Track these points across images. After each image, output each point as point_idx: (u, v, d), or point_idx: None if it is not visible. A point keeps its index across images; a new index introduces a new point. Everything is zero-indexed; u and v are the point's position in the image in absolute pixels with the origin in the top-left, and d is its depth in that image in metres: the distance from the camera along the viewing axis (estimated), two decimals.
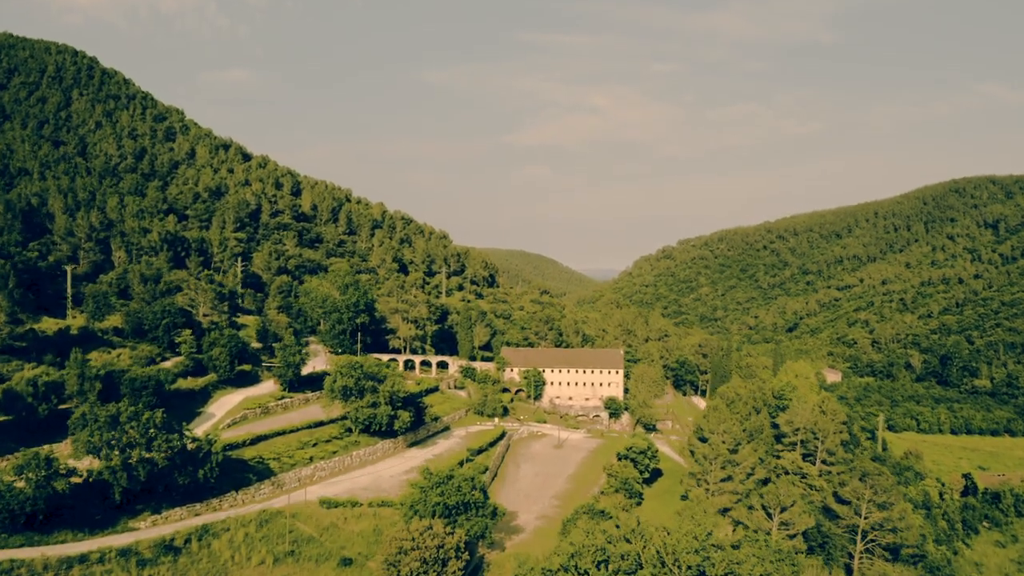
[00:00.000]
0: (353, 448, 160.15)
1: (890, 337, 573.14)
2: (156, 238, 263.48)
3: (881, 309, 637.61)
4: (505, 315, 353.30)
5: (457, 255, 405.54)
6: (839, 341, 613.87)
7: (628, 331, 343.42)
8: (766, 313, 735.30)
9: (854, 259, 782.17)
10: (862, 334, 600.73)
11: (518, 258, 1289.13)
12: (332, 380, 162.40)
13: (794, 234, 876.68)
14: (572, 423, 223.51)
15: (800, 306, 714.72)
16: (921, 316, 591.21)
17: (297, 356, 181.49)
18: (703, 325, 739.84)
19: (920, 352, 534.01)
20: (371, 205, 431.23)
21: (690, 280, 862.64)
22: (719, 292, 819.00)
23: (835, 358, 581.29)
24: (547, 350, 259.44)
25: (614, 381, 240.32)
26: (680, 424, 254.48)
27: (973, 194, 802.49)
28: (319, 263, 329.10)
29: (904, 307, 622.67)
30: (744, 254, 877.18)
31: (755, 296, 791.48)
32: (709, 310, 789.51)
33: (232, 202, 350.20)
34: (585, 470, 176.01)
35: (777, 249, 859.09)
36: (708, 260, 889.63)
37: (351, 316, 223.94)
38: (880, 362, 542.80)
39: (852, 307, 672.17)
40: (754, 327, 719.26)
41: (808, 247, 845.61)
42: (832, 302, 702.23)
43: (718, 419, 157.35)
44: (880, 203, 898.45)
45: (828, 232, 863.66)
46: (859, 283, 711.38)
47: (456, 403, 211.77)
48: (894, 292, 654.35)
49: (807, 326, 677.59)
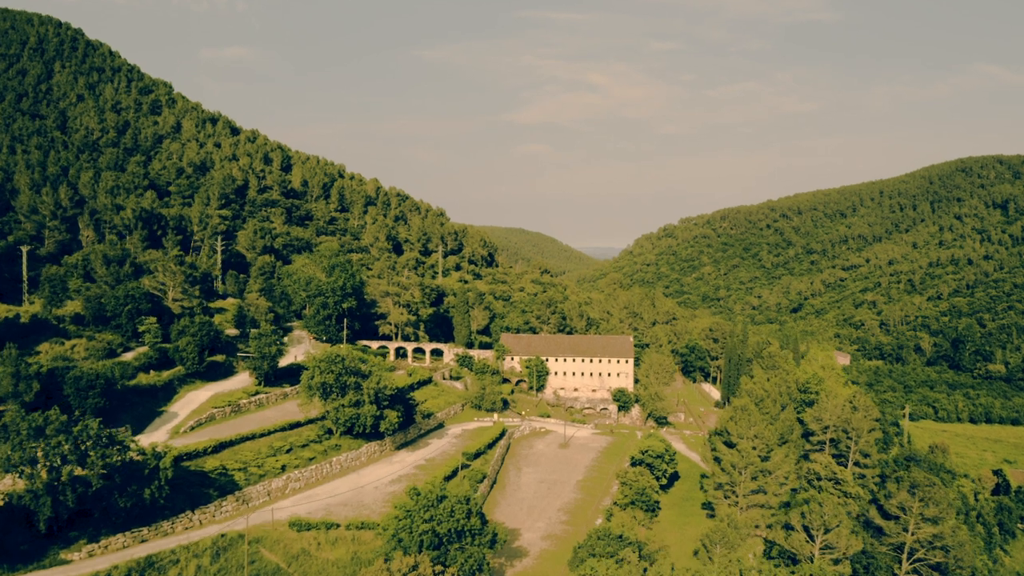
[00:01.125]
0: (333, 453, 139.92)
1: (899, 319, 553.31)
2: (130, 215, 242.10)
3: (888, 290, 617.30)
4: (504, 297, 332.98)
5: (454, 233, 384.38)
6: (846, 323, 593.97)
7: (634, 314, 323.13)
8: (770, 293, 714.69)
9: (859, 239, 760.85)
10: (869, 316, 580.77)
11: (517, 236, 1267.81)
12: (309, 376, 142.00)
13: (798, 213, 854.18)
14: (578, 417, 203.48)
15: (805, 286, 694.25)
16: (930, 298, 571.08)
17: (273, 347, 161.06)
18: (706, 305, 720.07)
19: (930, 335, 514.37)
20: (365, 181, 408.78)
21: (692, 259, 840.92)
22: (722, 271, 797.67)
23: (842, 340, 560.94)
24: (550, 337, 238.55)
25: (623, 371, 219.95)
26: (693, 416, 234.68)
27: (980, 173, 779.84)
28: (308, 241, 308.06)
29: (912, 288, 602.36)
30: (747, 233, 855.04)
31: (758, 275, 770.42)
32: (712, 289, 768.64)
33: (217, 177, 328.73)
34: (595, 475, 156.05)
35: (780, 228, 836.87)
36: (710, 239, 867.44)
37: (337, 300, 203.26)
38: (889, 345, 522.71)
39: (858, 288, 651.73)
40: (758, 307, 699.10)
41: (812, 226, 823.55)
42: (838, 282, 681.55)
43: (748, 422, 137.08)
44: (884, 182, 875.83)
45: (832, 211, 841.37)
46: (865, 263, 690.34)
47: (451, 396, 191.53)
48: (901, 273, 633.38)
49: (812, 307, 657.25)
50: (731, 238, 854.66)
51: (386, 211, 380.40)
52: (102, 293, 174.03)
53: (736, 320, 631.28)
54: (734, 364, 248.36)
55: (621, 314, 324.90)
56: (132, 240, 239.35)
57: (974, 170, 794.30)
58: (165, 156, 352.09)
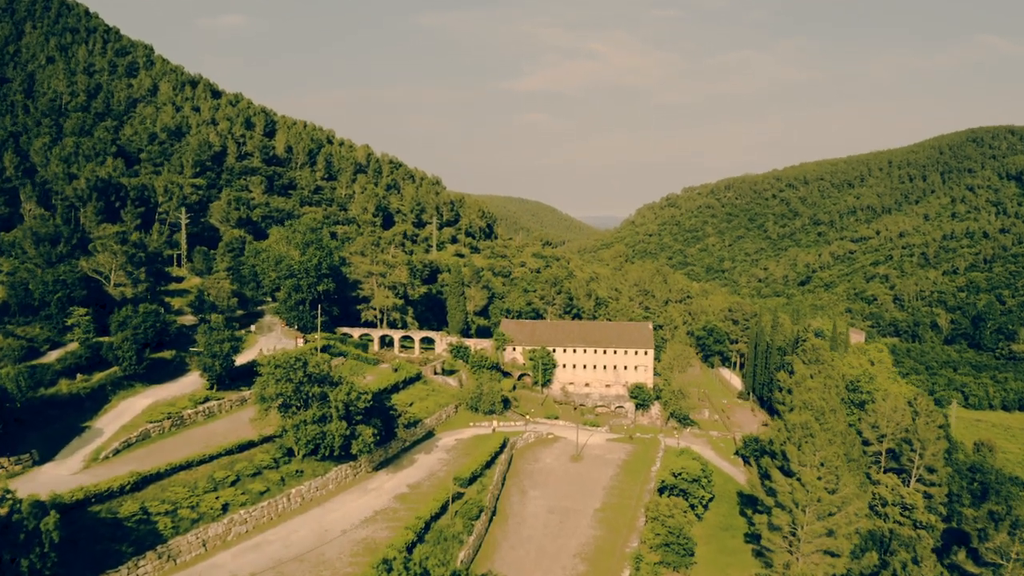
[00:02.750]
0: (293, 483, 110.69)
1: (913, 294, 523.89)
2: (83, 186, 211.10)
3: (901, 263, 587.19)
4: (504, 273, 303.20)
5: (451, 203, 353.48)
6: (857, 297, 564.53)
7: (645, 292, 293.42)
8: (776, 265, 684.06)
9: (868, 210, 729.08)
10: (882, 290, 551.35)
11: (516, 205, 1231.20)
12: (262, 385, 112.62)
13: (804, 183, 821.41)
14: (590, 418, 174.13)
15: (812, 258, 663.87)
16: (946, 272, 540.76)
17: (226, 343, 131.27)
18: (710, 276, 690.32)
19: (947, 311, 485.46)
20: (355, 147, 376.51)
21: (696, 229, 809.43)
22: (726, 242, 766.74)
23: (854, 316, 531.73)
24: (558, 323, 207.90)
25: (642, 363, 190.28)
26: (716, 411, 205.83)
27: (991, 144, 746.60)
28: (290, 212, 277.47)
29: (926, 262, 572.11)
30: (752, 203, 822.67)
31: (764, 247, 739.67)
32: (716, 261, 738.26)
33: (193, 143, 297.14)
34: (616, 500, 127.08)
35: (787, 198, 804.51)
36: (715, 209, 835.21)
37: (311, 282, 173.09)
38: (904, 321, 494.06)
39: (869, 261, 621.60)
40: (764, 280, 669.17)
41: (819, 196, 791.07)
42: (847, 255, 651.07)
43: (811, 446, 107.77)
44: (893, 152, 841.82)
45: (840, 181, 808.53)
46: (875, 235, 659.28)
47: (443, 396, 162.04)
48: (914, 246, 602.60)
49: (821, 280, 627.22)
50: (736, 208, 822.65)
51: (377, 179, 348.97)
52: (28, 278, 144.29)
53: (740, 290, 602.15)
54: (761, 353, 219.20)
55: (631, 292, 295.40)
56: (85, 214, 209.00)
57: (985, 140, 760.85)
58: (138, 121, 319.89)
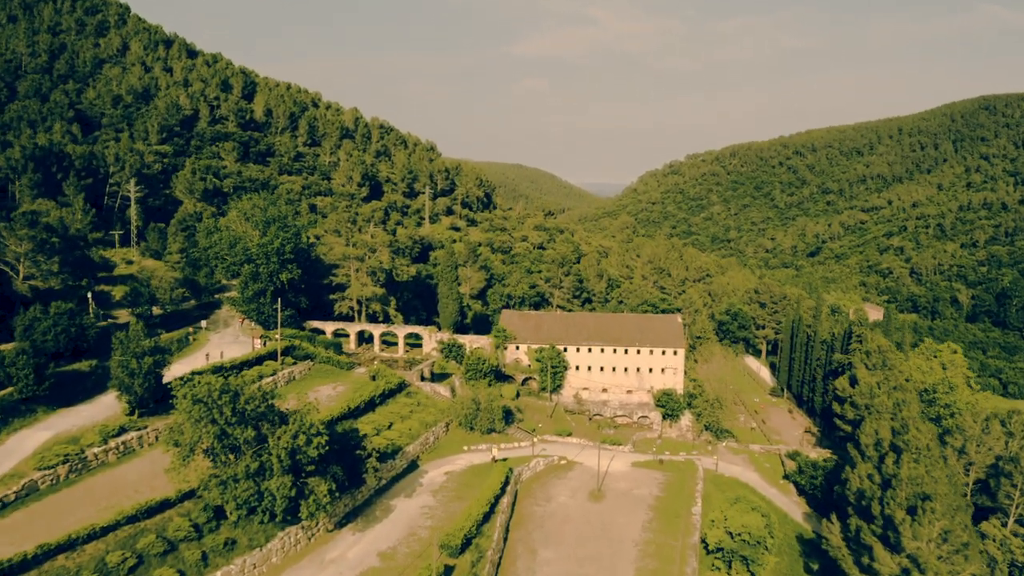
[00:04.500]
0: (220, 560, 79.67)
1: (931, 268, 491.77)
2: (18, 155, 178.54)
3: (916, 235, 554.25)
4: (504, 249, 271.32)
5: (446, 171, 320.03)
6: (871, 270, 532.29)
7: (660, 270, 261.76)
8: (784, 235, 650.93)
9: (878, 178, 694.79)
10: (898, 263, 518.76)
11: (515, 172, 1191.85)
12: (176, 429, 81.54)
13: (812, 150, 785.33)
14: (609, 434, 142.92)
15: (822, 228, 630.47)
16: (964, 245, 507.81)
17: (146, 358, 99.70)
18: (715, 247, 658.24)
19: (967, 287, 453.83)
20: (342, 111, 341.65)
21: (700, 198, 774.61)
22: (732, 211, 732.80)
23: (868, 289, 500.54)
24: (569, 316, 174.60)
25: (671, 365, 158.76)
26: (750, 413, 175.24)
27: (1004, 112, 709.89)
28: (266, 182, 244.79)
29: (942, 234, 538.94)
30: (758, 170, 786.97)
31: (771, 216, 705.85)
32: (722, 230, 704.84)
33: (160, 107, 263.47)
34: (653, 563, 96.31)
35: (794, 165, 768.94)
36: (719, 176, 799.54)
37: (273, 269, 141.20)
38: (923, 297, 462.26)
39: (881, 231, 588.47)
40: (771, 250, 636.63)
41: (828, 164, 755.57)
42: (858, 225, 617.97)
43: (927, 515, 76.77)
44: (903, 119, 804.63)
45: (848, 148, 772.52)
46: (887, 205, 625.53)
47: (431, 412, 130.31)
48: (929, 217, 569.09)
49: (831, 251, 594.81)
50: (741, 176, 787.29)
51: (366, 145, 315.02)
52: None
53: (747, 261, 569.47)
54: (800, 345, 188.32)
55: (645, 270, 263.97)
56: (20, 187, 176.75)
57: (998, 108, 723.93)
58: (103, 83, 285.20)
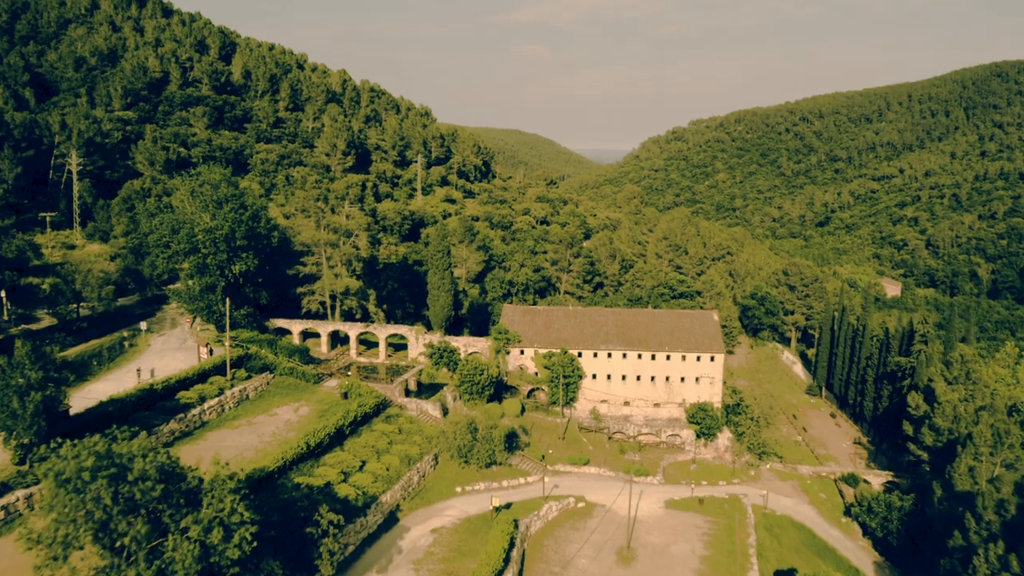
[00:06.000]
0: None
1: (948, 240, 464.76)
2: None
3: (931, 205, 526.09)
4: (504, 224, 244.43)
5: (441, 137, 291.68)
6: (884, 241, 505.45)
7: (675, 247, 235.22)
8: (792, 204, 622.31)
9: (888, 146, 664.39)
10: (913, 234, 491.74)
11: (513, 138, 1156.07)
12: (37, 529, 55.70)
13: (819, 116, 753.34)
14: (634, 461, 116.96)
15: (831, 198, 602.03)
16: (982, 216, 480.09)
17: (33, 394, 73.38)
18: (720, 215, 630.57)
19: (986, 261, 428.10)
20: (329, 73, 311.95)
21: (705, 165, 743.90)
22: (737, 179, 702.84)
23: (883, 262, 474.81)
24: (582, 313, 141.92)
25: (707, 373, 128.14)
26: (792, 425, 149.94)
27: (1017, 80, 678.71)
28: (239, 150, 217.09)
29: (958, 204, 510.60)
30: (764, 137, 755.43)
31: (778, 184, 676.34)
32: (727, 199, 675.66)
33: (127, 68, 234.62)
34: None
35: (801, 132, 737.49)
36: (724, 143, 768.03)
37: (223, 260, 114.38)
38: (941, 271, 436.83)
39: (893, 201, 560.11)
40: (779, 219, 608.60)
41: (835, 131, 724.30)
42: (868, 194, 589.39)
43: None
44: (912, 85, 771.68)
45: (856, 115, 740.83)
46: (899, 174, 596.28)
47: (415, 442, 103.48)
48: (944, 187, 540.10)
49: (841, 221, 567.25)
50: (747, 143, 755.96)
51: (354, 110, 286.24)
52: None
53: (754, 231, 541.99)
54: (843, 339, 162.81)
55: (659, 247, 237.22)
56: None
57: (1010, 75, 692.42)
58: (66, 45, 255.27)
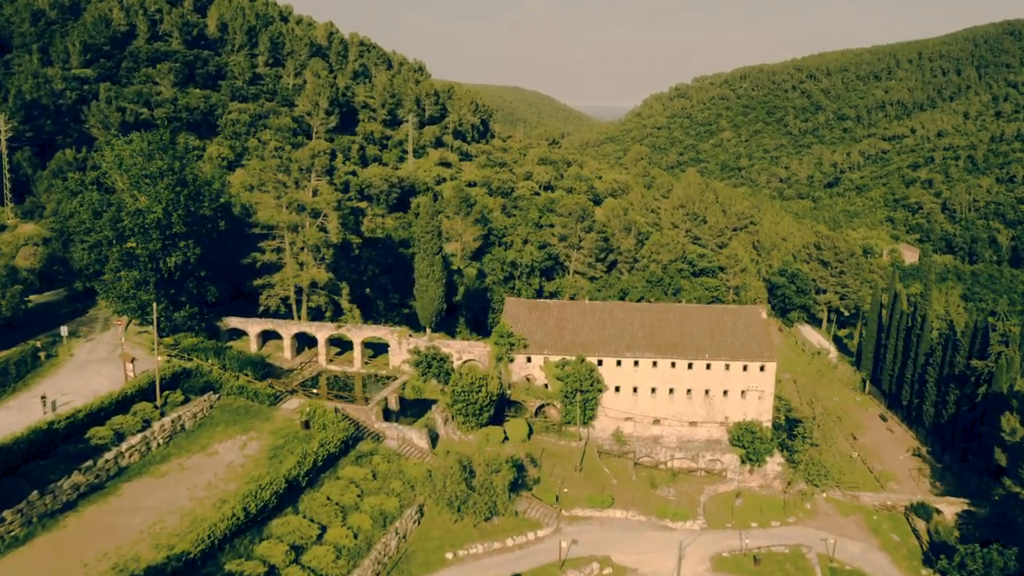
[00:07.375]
0: None
1: (966, 204, 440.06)
2: None
3: (945, 167, 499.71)
4: (505, 191, 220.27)
5: (435, 94, 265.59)
6: (897, 204, 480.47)
7: (694, 216, 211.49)
8: (799, 164, 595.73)
9: (898, 105, 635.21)
10: (927, 197, 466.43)
11: (512, 95, 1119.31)
12: None
13: (827, 74, 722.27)
14: (670, 502, 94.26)
15: (840, 158, 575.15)
16: (1000, 180, 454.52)
17: None
18: (725, 175, 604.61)
19: (1006, 226, 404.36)
20: (314, 25, 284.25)
21: (709, 123, 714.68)
22: (743, 138, 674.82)
23: (896, 226, 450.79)
24: (601, 308, 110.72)
25: (755, 385, 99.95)
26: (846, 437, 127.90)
27: None
28: (210, 111, 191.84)
29: (974, 167, 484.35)
30: (770, 95, 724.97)
31: (784, 143, 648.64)
32: (732, 158, 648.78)
33: (88, 21, 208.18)
34: None
35: (808, 90, 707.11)
36: (729, 100, 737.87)
37: (155, 249, 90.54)
38: (958, 236, 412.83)
39: (905, 162, 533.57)
40: (786, 180, 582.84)
41: (844, 89, 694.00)
42: (879, 155, 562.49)
43: None
44: (923, 43, 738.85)
45: (865, 73, 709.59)
46: (910, 134, 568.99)
47: (394, 490, 79.49)
48: (958, 148, 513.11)
49: (851, 181, 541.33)
50: (752, 100, 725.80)
51: (341, 65, 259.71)
52: None
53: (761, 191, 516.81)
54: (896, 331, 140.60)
55: (675, 216, 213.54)
56: None
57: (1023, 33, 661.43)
58: None
